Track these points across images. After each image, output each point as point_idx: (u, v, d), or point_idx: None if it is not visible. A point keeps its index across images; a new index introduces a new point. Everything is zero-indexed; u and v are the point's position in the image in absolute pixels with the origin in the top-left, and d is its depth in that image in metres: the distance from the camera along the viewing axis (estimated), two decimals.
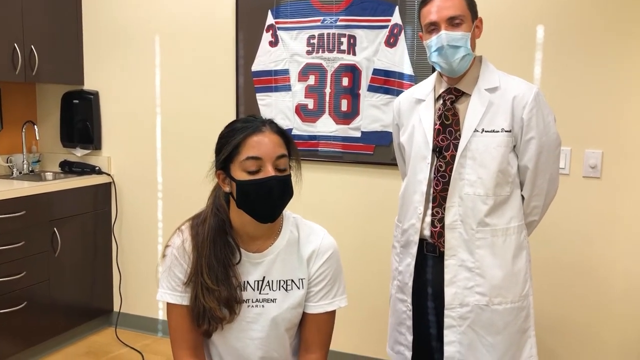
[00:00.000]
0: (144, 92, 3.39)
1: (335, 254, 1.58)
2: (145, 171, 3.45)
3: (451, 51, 1.78)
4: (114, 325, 3.54)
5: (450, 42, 1.77)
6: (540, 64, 2.55)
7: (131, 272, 3.53)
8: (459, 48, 1.78)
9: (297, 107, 3.01)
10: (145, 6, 3.33)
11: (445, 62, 1.81)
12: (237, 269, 1.50)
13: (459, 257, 1.84)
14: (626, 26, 2.41)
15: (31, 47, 3.17)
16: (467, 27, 1.79)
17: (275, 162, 1.43)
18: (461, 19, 1.78)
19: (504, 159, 1.81)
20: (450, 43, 1.77)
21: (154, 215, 3.46)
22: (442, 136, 1.87)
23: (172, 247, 1.53)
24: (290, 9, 2.97)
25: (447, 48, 1.78)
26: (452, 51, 1.78)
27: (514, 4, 2.57)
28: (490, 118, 1.82)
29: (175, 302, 1.52)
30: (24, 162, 3.52)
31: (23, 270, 2.94)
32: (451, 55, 1.79)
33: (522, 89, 1.83)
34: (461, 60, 1.80)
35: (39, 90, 3.67)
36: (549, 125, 1.84)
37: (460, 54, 1.79)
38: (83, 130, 3.50)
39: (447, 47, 1.78)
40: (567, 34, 2.50)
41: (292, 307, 1.54)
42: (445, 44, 1.77)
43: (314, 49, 2.94)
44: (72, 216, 3.25)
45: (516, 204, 1.86)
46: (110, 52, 3.45)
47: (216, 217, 1.51)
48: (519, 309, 1.87)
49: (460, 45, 1.78)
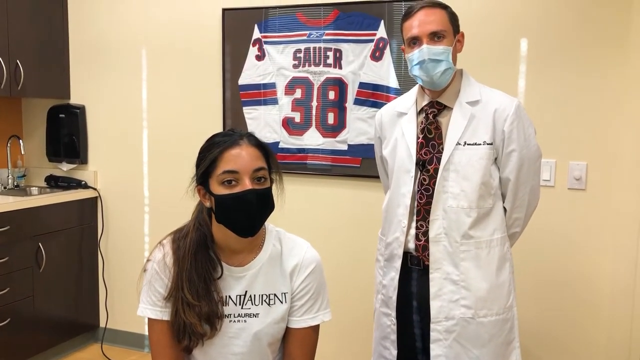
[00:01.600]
0: (131, 106, 3.38)
1: (319, 267, 1.57)
2: (131, 185, 3.43)
3: (432, 65, 1.79)
4: (99, 341, 3.50)
5: (431, 56, 1.78)
6: (524, 77, 2.57)
7: (117, 287, 3.50)
8: (440, 62, 1.79)
9: (284, 120, 3.01)
10: (132, 20, 3.33)
11: (426, 76, 1.82)
12: (219, 283, 1.49)
13: (443, 270, 1.84)
14: (610, 39, 2.43)
15: (17, 61, 3.16)
16: (448, 41, 1.81)
17: (253, 175, 1.42)
18: (443, 34, 1.80)
19: (486, 171, 1.82)
20: (432, 57, 1.78)
21: (140, 229, 3.43)
22: (425, 149, 1.87)
23: (153, 262, 1.52)
24: (276, 23, 2.98)
25: (429, 62, 1.79)
26: (433, 65, 1.79)
27: (498, 17, 2.59)
28: (472, 131, 1.83)
29: (155, 317, 1.50)
30: (8, 176, 3.49)
31: (7, 286, 2.90)
32: (432, 69, 1.80)
33: (503, 102, 1.85)
34: (442, 74, 1.81)
35: (24, 105, 3.65)
36: (530, 138, 1.86)
37: (442, 68, 1.80)
38: (69, 144, 3.48)
39: (429, 61, 1.79)
40: (551, 47, 2.52)
41: (275, 322, 1.52)
42: (426, 57, 1.79)
43: (301, 62, 2.95)
44: (57, 231, 3.22)
45: (499, 216, 1.87)
46: (96, 66, 3.44)
47: (198, 231, 1.50)
48: (504, 320, 1.86)
49: (442, 59, 1.79)
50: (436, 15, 1.80)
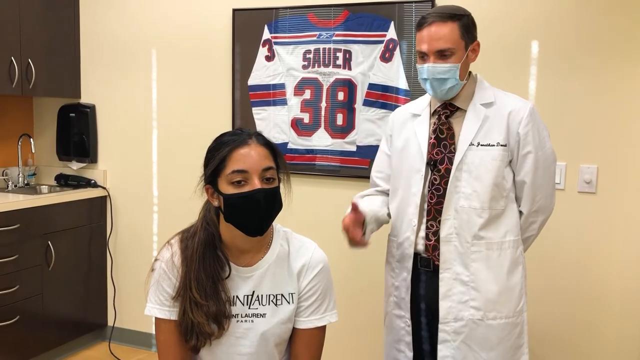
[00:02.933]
0: (141, 106, 3.40)
1: (326, 268, 1.57)
2: (141, 185, 3.44)
3: (437, 83, 1.80)
4: (107, 339, 3.51)
5: (436, 75, 1.79)
6: (535, 79, 2.56)
7: (126, 286, 3.51)
8: (445, 80, 1.79)
9: (293, 121, 3.01)
10: (143, 20, 3.34)
11: (432, 91, 1.84)
12: (227, 283, 1.49)
13: (453, 270, 1.83)
14: (621, 42, 2.41)
15: (28, 60, 3.18)
16: (457, 58, 1.79)
17: (262, 174, 1.42)
18: (451, 51, 1.78)
19: (499, 172, 1.81)
20: (437, 76, 1.79)
21: (149, 229, 3.44)
22: (436, 149, 1.87)
23: (161, 261, 1.52)
24: (287, 23, 2.98)
25: (434, 80, 1.80)
26: (438, 83, 1.80)
27: (509, 19, 2.58)
28: (485, 132, 1.83)
29: (163, 316, 1.50)
30: (19, 175, 3.51)
31: (16, 284, 2.92)
32: (437, 86, 1.81)
33: (518, 105, 1.85)
34: (448, 91, 1.83)
35: (35, 104, 3.68)
36: (545, 140, 1.85)
37: (447, 86, 1.81)
38: (79, 143, 3.50)
39: (434, 80, 1.80)
40: (561, 50, 2.50)
41: (281, 322, 1.52)
42: (431, 77, 1.79)
43: (310, 63, 2.95)
44: (66, 229, 3.24)
45: (511, 218, 1.86)
46: (107, 65, 3.46)
47: (206, 231, 1.50)
48: (513, 324, 1.85)
49: (448, 77, 1.79)
50: (446, 30, 1.76)
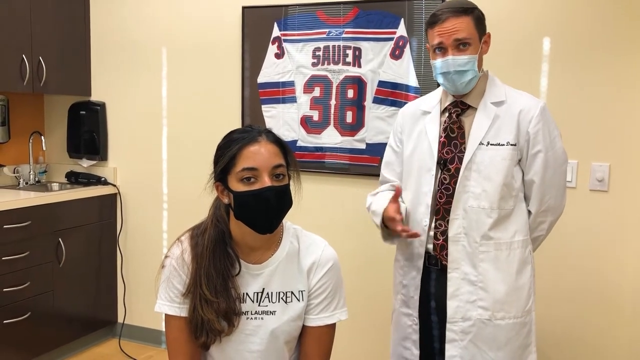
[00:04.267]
0: (151, 104, 3.41)
1: (336, 265, 1.56)
2: (150, 182, 3.45)
3: (457, 76, 1.78)
4: (117, 336, 3.53)
5: (457, 68, 1.77)
6: (547, 76, 2.54)
7: (136, 283, 3.52)
8: (465, 72, 1.78)
9: (302, 118, 3.01)
10: (153, 18, 3.35)
11: (451, 85, 1.82)
12: (237, 280, 1.49)
13: (461, 270, 1.82)
14: (633, 38, 2.39)
15: (39, 58, 3.20)
16: (474, 49, 1.78)
17: (272, 171, 1.42)
18: (469, 42, 1.77)
19: (508, 172, 1.80)
20: (457, 69, 1.77)
21: (159, 226, 3.45)
22: (447, 149, 1.86)
23: (171, 258, 1.52)
24: (296, 21, 2.97)
25: (454, 73, 1.78)
26: (459, 76, 1.78)
27: (520, 15, 2.56)
28: (495, 131, 1.81)
29: (173, 313, 1.50)
30: (30, 172, 3.53)
31: (27, 281, 2.94)
32: (457, 79, 1.79)
33: (529, 103, 1.83)
34: (467, 84, 1.80)
35: (46, 101, 3.70)
36: (555, 140, 1.83)
37: (467, 78, 1.79)
38: (89, 141, 3.52)
39: (454, 73, 1.77)
40: (573, 46, 2.48)
41: (291, 320, 1.52)
42: (452, 70, 1.77)
43: (320, 61, 2.94)
44: (77, 227, 3.25)
45: (520, 218, 1.84)
46: (117, 63, 3.47)
47: (216, 227, 1.50)
48: (522, 324, 1.84)
49: (467, 69, 1.77)
50: (462, 22, 1.76)
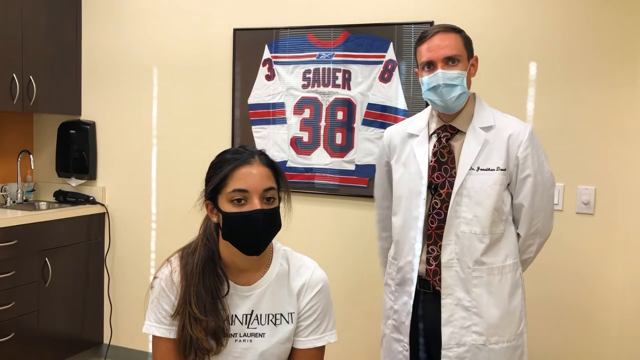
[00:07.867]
0: (141, 124, 3.41)
1: (326, 287, 1.56)
2: (139, 202, 3.44)
3: (447, 90, 1.79)
4: (103, 357, 3.48)
5: (446, 81, 1.78)
6: (533, 100, 2.58)
7: (122, 303, 3.49)
8: (455, 87, 1.79)
9: (292, 139, 3.02)
10: (144, 38, 3.37)
11: (440, 100, 1.82)
12: (226, 301, 1.48)
13: (455, 295, 1.82)
14: (619, 63, 2.44)
15: (30, 77, 3.20)
16: (463, 66, 1.81)
17: (262, 194, 1.42)
18: (458, 58, 1.80)
19: (499, 197, 1.81)
20: (447, 82, 1.78)
21: (147, 246, 3.43)
22: (437, 173, 1.87)
23: (160, 279, 1.52)
24: (287, 44, 3.01)
25: (443, 87, 1.79)
26: (448, 90, 1.79)
27: (507, 40, 2.61)
28: (485, 156, 1.83)
29: (161, 335, 1.49)
30: (18, 191, 3.51)
31: (12, 301, 2.90)
32: (447, 93, 1.80)
33: (517, 128, 1.85)
34: (457, 99, 1.81)
35: (36, 120, 3.69)
36: (543, 164, 1.86)
37: (456, 93, 1.80)
38: (79, 160, 3.50)
39: (443, 86, 1.79)
40: (560, 71, 2.53)
41: (280, 342, 1.51)
42: (441, 82, 1.78)
43: (310, 83, 2.97)
44: (64, 246, 3.23)
45: (510, 241, 1.86)
46: (108, 83, 3.48)
47: (206, 247, 1.50)
48: (514, 347, 1.85)
49: (457, 84, 1.79)
50: (451, 39, 1.80)
